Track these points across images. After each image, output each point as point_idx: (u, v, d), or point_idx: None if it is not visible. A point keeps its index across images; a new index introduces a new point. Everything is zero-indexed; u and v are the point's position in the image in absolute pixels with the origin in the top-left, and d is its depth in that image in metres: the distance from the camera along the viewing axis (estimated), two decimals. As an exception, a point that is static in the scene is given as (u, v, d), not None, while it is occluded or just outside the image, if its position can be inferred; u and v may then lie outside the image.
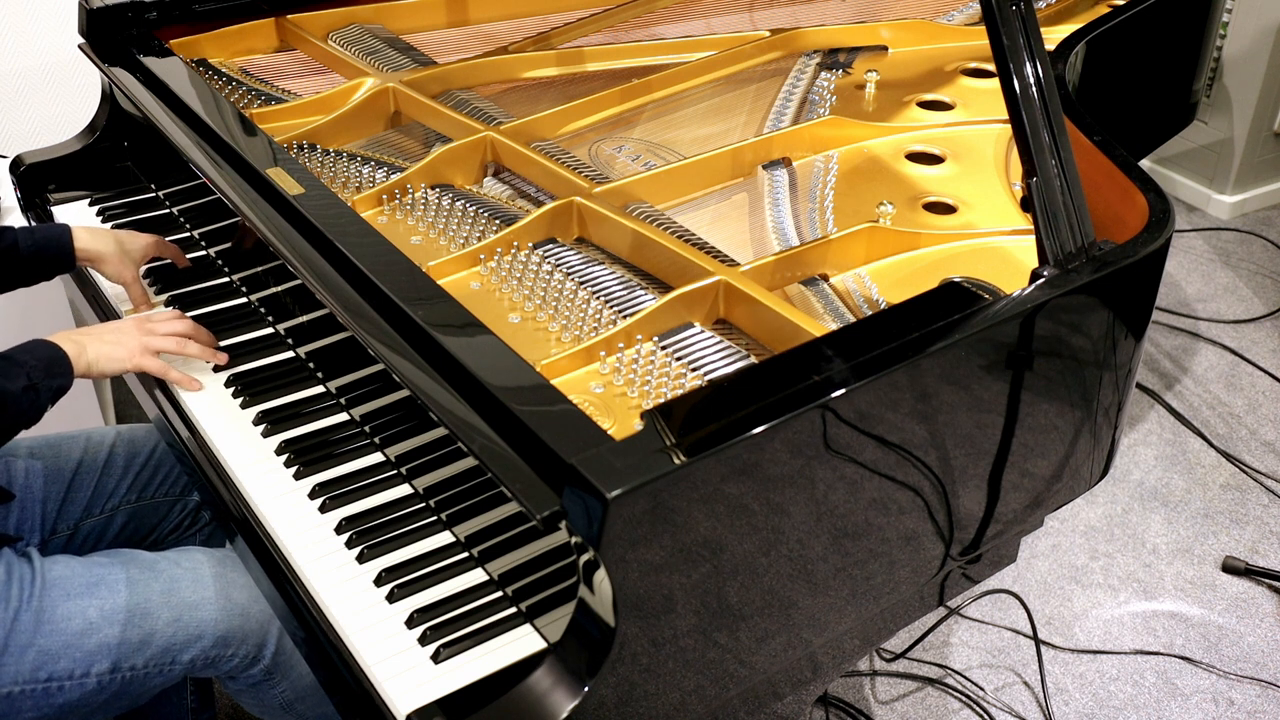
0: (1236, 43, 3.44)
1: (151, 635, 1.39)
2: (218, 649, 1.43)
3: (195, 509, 1.70)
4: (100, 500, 1.61)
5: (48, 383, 1.42)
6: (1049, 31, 2.09)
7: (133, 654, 1.39)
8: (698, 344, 1.38)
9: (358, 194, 1.65)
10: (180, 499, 1.68)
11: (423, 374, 1.24)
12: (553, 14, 2.24)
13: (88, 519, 1.61)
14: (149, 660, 1.40)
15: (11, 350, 1.43)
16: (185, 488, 1.68)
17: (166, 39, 1.97)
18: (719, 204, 1.69)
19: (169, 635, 1.40)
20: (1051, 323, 1.27)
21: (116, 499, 1.62)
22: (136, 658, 1.39)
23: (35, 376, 1.41)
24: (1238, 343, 3.08)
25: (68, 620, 1.36)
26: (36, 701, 1.35)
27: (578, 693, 1.06)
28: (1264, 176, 3.64)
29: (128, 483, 1.63)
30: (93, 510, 1.61)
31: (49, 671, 1.35)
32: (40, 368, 1.42)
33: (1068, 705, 2.12)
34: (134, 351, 1.50)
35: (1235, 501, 2.58)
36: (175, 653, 1.41)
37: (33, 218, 1.98)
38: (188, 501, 1.69)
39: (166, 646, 1.40)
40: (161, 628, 1.40)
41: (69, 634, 1.35)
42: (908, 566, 1.31)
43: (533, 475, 1.10)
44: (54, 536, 1.58)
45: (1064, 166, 1.28)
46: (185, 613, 1.41)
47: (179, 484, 1.68)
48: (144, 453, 1.66)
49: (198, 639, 1.42)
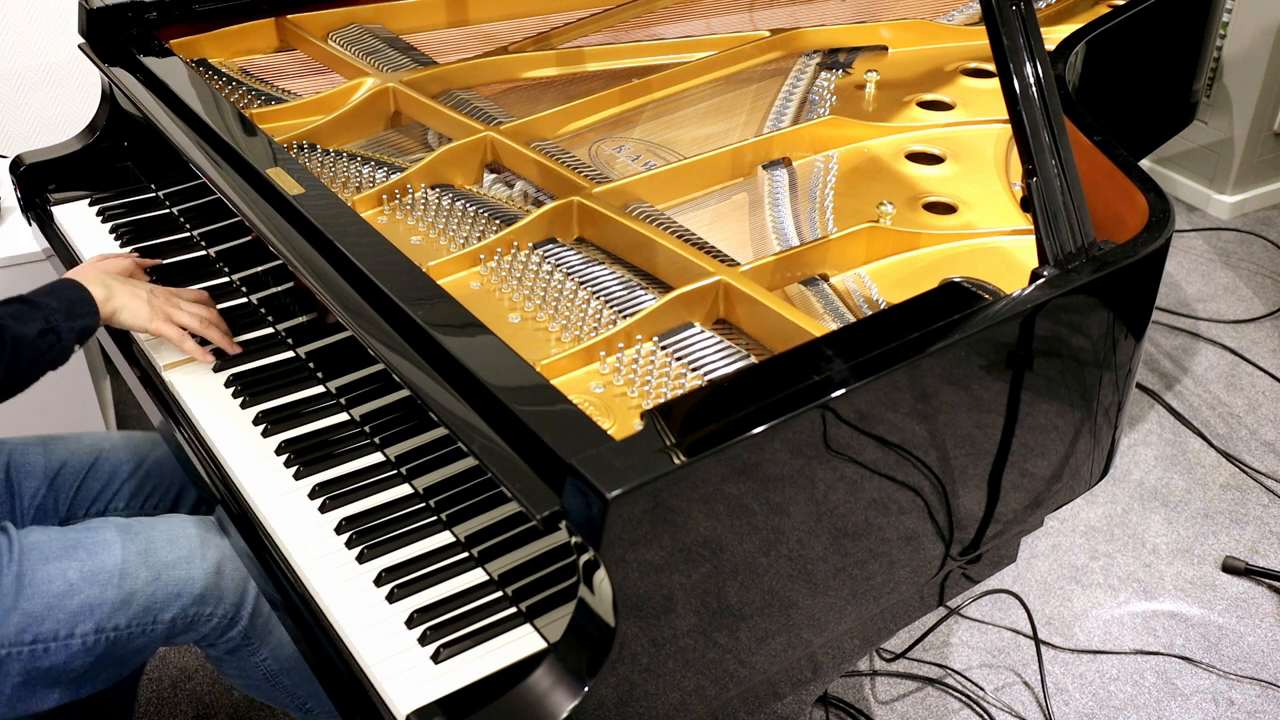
0: (1236, 43, 3.44)
1: (132, 595, 1.40)
2: (196, 607, 1.44)
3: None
4: (84, 504, 1.62)
5: (69, 324, 1.42)
6: (1049, 31, 2.09)
7: (114, 614, 1.40)
8: (698, 344, 1.38)
9: (358, 194, 1.65)
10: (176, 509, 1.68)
11: (423, 374, 1.24)
12: (553, 14, 2.24)
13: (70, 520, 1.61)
14: (131, 620, 1.41)
15: (34, 291, 1.44)
16: (181, 496, 1.68)
17: (166, 39, 1.97)
18: (719, 204, 1.69)
19: (149, 594, 1.41)
20: (1051, 323, 1.27)
21: (101, 505, 1.63)
22: (119, 617, 1.40)
23: (54, 319, 1.41)
24: (1238, 343, 3.08)
25: (49, 583, 1.37)
26: (24, 665, 1.36)
27: (578, 693, 1.06)
28: (1264, 176, 3.64)
29: (114, 489, 1.64)
30: (76, 514, 1.61)
31: (34, 634, 1.36)
32: (61, 309, 1.42)
33: (1068, 705, 2.12)
34: (155, 314, 1.52)
35: (1235, 501, 2.58)
36: (156, 611, 1.42)
37: (33, 218, 1.98)
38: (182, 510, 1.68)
39: (147, 605, 1.41)
40: (141, 586, 1.41)
41: (50, 596, 1.37)
42: (908, 566, 1.31)
43: (533, 475, 1.10)
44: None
45: (1064, 166, 1.28)
46: (163, 571, 1.42)
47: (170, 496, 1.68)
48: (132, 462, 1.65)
49: (177, 597, 1.43)
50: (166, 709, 2.09)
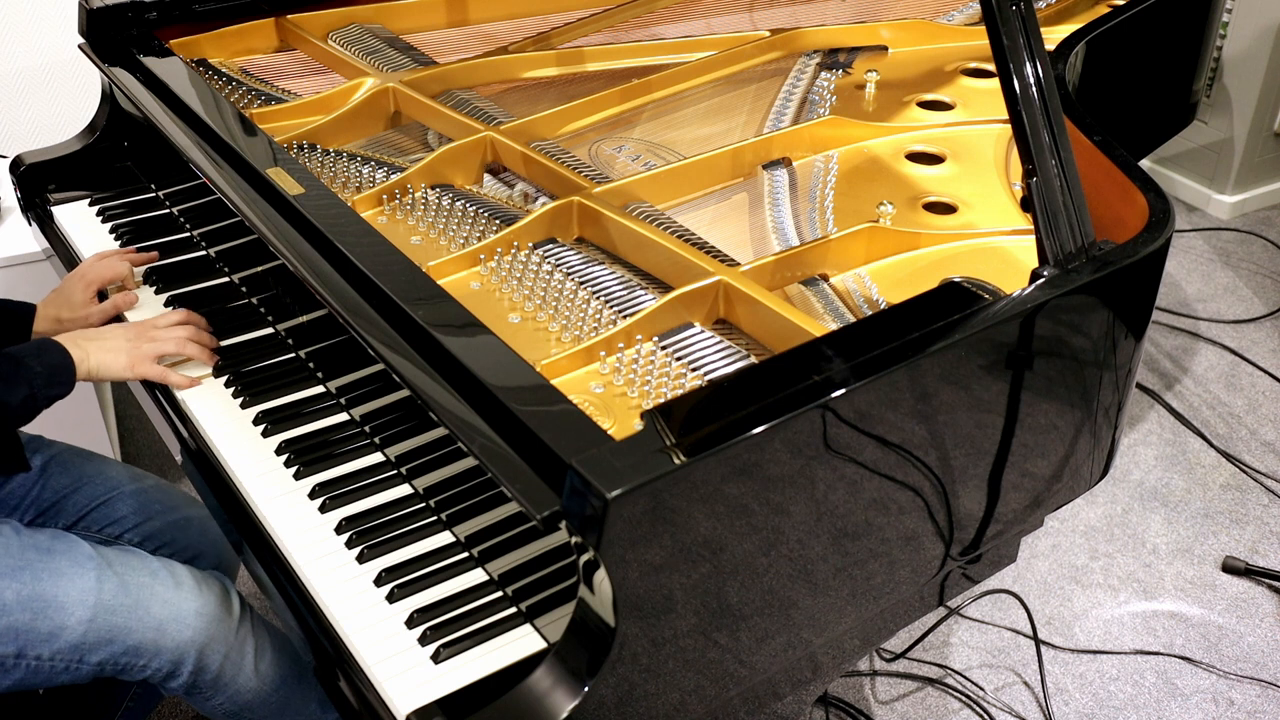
0: (1236, 43, 3.44)
1: (62, 629, 1.39)
2: (128, 657, 1.43)
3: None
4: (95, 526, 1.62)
5: (46, 392, 1.43)
6: (1049, 31, 2.09)
7: (40, 644, 1.38)
8: (698, 344, 1.38)
9: (358, 194, 1.65)
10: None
11: (423, 374, 1.24)
12: (553, 14, 2.24)
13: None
14: (55, 654, 1.39)
15: (21, 349, 1.44)
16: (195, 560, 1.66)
17: (166, 39, 1.97)
18: (719, 204, 1.69)
19: (80, 634, 1.40)
20: (1051, 323, 1.27)
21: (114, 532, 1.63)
22: (43, 648, 1.39)
23: (36, 385, 1.41)
24: (1238, 343, 3.08)
25: None
26: None
27: (578, 693, 1.06)
28: (1264, 176, 3.64)
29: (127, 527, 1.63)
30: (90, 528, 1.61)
31: None
32: (44, 375, 1.42)
33: (1068, 705, 2.12)
34: (134, 361, 1.51)
35: (1235, 501, 2.58)
36: (84, 652, 1.41)
37: (33, 218, 1.98)
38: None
39: (76, 644, 1.40)
40: (73, 625, 1.39)
41: None
42: (908, 566, 1.31)
43: (533, 475, 1.10)
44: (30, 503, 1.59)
45: (1064, 166, 1.28)
46: (100, 615, 1.40)
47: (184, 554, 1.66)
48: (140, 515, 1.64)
49: (108, 643, 1.41)
50: (166, 708, 2.09)
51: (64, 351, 1.46)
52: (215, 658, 1.47)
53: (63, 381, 1.45)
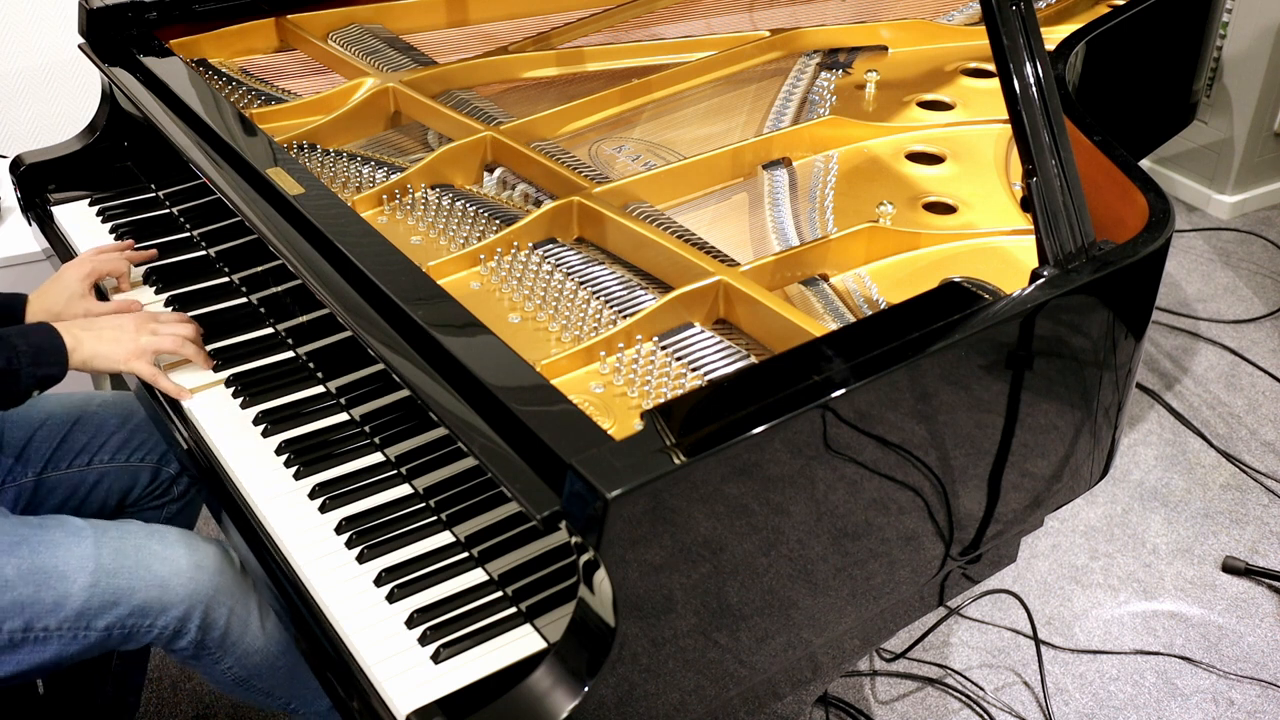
0: (1236, 43, 3.44)
1: (66, 598, 1.39)
2: (134, 618, 1.43)
3: (170, 481, 1.71)
4: (68, 456, 1.62)
5: (31, 370, 1.42)
6: (1049, 31, 2.09)
7: (46, 615, 1.39)
8: (698, 344, 1.38)
9: (358, 194, 1.65)
10: (159, 466, 1.69)
11: (423, 374, 1.24)
12: (553, 14, 2.24)
13: (53, 472, 1.61)
14: (62, 623, 1.40)
15: (10, 329, 1.44)
16: (164, 457, 1.69)
17: (166, 39, 1.97)
18: (719, 204, 1.69)
19: (83, 599, 1.40)
20: (1051, 323, 1.27)
21: (86, 458, 1.63)
22: (49, 619, 1.39)
23: (19, 361, 1.41)
24: (1238, 343, 3.08)
25: None
26: None
27: (578, 693, 1.06)
28: (1264, 176, 3.64)
29: (100, 442, 1.64)
30: (59, 464, 1.61)
31: None
32: (29, 353, 1.42)
33: (1068, 705, 2.13)
34: (130, 354, 1.51)
35: (1235, 501, 2.58)
36: (90, 617, 1.41)
37: (33, 218, 1.98)
38: (164, 470, 1.70)
39: (81, 610, 1.40)
40: (76, 591, 1.39)
41: None
42: (908, 566, 1.31)
43: (533, 475, 1.10)
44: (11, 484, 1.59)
45: (1064, 166, 1.28)
46: (102, 579, 1.41)
47: (158, 451, 1.69)
48: (119, 417, 1.66)
49: (113, 605, 1.41)
50: (166, 709, 2.09)
51: (54, 333, 1.46)
52: (221, 611, 1.46)
53: (51, 363, 1.44)
